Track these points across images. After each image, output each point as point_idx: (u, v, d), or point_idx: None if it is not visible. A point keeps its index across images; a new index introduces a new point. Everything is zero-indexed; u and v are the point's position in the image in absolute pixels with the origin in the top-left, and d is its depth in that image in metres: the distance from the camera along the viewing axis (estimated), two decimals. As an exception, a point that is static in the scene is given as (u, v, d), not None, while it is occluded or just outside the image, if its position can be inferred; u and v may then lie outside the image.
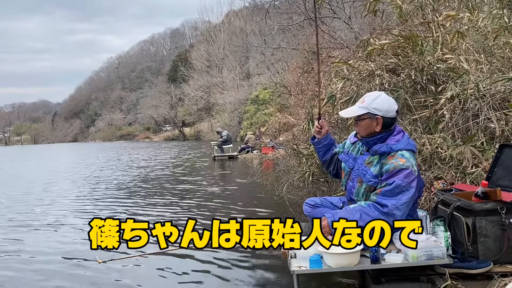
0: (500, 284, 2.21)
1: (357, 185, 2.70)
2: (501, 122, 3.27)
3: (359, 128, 2.68)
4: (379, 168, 2.57)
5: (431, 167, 3.39)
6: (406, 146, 2.57)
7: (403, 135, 2.64)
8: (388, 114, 2.60)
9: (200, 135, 43.74)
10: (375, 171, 2.59)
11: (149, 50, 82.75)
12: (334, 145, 3.04)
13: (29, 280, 3.90)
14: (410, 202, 2.51)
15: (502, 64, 3.68)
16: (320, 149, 3.03)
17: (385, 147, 2.57)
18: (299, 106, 7.22)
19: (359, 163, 2.72)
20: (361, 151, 2.76)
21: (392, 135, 2.61)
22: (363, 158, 2.70)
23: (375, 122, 2.60)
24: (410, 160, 2.51)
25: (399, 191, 2.47)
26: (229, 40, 44.33)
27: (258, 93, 29.41)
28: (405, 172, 2.47)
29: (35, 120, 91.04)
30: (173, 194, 8.46)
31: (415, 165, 2.54)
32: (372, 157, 2.64)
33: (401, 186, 2.46)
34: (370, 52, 4.03)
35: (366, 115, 2.61)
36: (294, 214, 4.71)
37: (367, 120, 2.62)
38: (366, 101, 2.63)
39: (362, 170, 2.66)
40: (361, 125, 2.66)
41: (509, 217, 2.42)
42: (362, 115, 2.62)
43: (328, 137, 3.02)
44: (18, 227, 6.14)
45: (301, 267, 2.38)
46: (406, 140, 2.60)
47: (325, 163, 3.06)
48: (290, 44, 16.59)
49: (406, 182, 2.47)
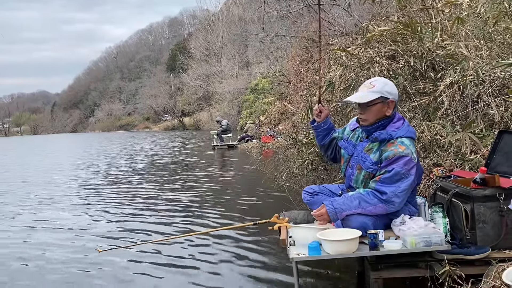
0: (498, 270, 2.22)
1: (356, 172, 2.69)
2: (500, 109, 3.25)
3: (368, 113, 2.59)
4: (379, 155, 2.56)
5: (430, 154, 3.38)
6: (406, 133, 2.55)
7: (403, 122, 2.62)
8: (396, 98, 2.60)
9: (199, 125, 43.67)
10: (374, 158, 2.58)
11: (148, 39, 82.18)
12: (333, 129, 3.00)
13: (27, 266, 3.94)
14: (409, 189, 2.51)
15: (502, 50, 3.65)
16: (319, 133, 2.99)
17: (385, 134, 2.56)
18: (298, 94, 7.21)
19: (358, 150, 2.70)
20: (360, 138, 2.74)
21: (392, 122, 2.59)
22: (363, 145, 2.68)
23: (386, 106, 2.57)
24: (410, 148, 2.50)
25: (398, 178, 2.46)
26: (227, 28, 44.01)
27: (258, 81, 29.27)
28: (404, 159, 2.47)
29: (34, 110, 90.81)
30: (171, 183, 8.49)
31: (414, 152, 2.53)
32: (371, 144, 2.63)
33: (400, 173, 2.46)
34: (369, 39, 4.00)
35: (379, 99, 2.55)
36: (293, 202, 4.73)
37: (379, 104, 2.56)
38: (377, 86, 2.57)
39: (362, 157, 2.65)
40: (371, 110, 2.58)
41: (507, 203, 2.42)
42: (374, 99, 2.56)
43: (328, 121, 2.97)
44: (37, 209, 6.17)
45: (300, 254, 2.38)
46: (406, 127, 2.59)
47: (323, 147, 3.03)
48: (289, 32, 16.48)
49: (405, 169, 2.46)
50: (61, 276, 3.71)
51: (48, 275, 3.75)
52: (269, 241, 4.21)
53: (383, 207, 2.49)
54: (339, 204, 2.53)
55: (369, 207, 2.49)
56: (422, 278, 2.45)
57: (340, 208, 2.51)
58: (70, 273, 3.76)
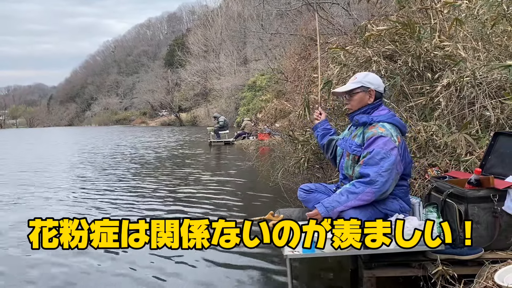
0: (490, 270, 2.23)
1: (346, 159, 2.81)
2: (496, 110, 3.27)
3: (352, 102, 2.79)
4: (362, 138, 2.69)
5: (425, 154, 3.39)
6: (387, 119, 2.68)
7: (388, 111, 2.76)
8: (378, 88, 2.77)
9: (196, 121, 43.56)
10: (358, 141, 2.72)
11: (146, 34, 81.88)
12: (331, 130, 3.17)
13: (25, 261, 3.92)
14: (392, 169, 2.53)
15: (499, 52, 3.66)
16: (318, 132, 3.18)
17: (365, 118, 2.71)
18: (295, 92, 7.20)
19: (347, 138, 2.86)
20: (351, 130, 2.88)
21: (377, 109, 2.75)
22: (351, 134, 2.83)
23: (367, 95, 2.75)
24: (390, 131, 2.61)
25: (380, 158, 2.53)
26: (226, 25, 43.89)
27: (255, 79, 29.23)
28: (383, 140, 2.56)
29: (30, 103, 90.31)
30: (165, 179, 8.47)
31: (395, 136, 2.60)
32: (357, 130, 2.77)
33: (381, 153, 2.53)
34: (367, 38, 4.00)
35: (360, 89, 2.75)
36: (289, 200, 4.74)
37: (361, 93, 2.75)
38: (358, 77, 2.79)
39: (349, 144, 2.79)
40: (354, 99, 2.78)
41: (501, 204, 2.44)
42: (355, 88, 2.76)
43: (326, 122, 3.19)
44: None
45: (294, 251, 2.39)
46: (390, 115, 2.73)
47: (323, 147, 3.17)
48: (288, 30, 16.43)
49: (385, 149, 2.54)
50: (58, 271, 3.70)
51: (39, 268, 3.74)
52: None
53: (370, 191, 2.52)
54: (329, 203, 2.57)
55: (358, 196, 2.53)
56: (415, 278, 2.47)
57: (331, 206, 2.55)
58: (64, 266, 3.75)
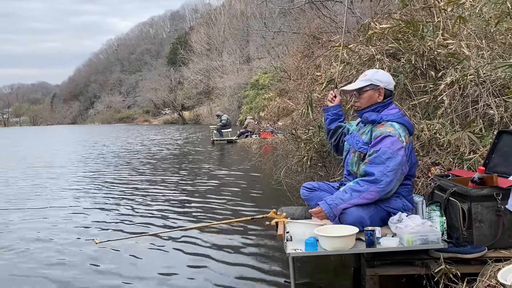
0: (493, 269, 2.22)
1: (351, 156, 2.79)
2: (500, 109, 3.25)
3: (362, 100, 2.77)
4: (370, 136, 2.67)
5: (429, 153, 3.38)
6: (396, 118, 2.67)
7: (398, 111, 2.74)
8: (388, 86, 2.75)
9: (199, 119, 43.56)
10: (366, 138, 2.70)
11: (149, 32, 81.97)
12: (342, 117, 3.15)
13: (23, 257, 3.94)
14: (398, 170, 2.52)
15: (503, 51, 3.64)
16: (328, 116, 3.15)
17: (375, 116, 2.69)
18: (298, 90, 7.20)
19: (355, 135, 2.84)
20: (359, 127, 2.86)
21: (387, 108, 2.72)
22: (360, 131, 2.81)
23: (377, 93, 2.73)
24: (399, 131, 2.59)
25: (386, 158, 2.52)
26: (229, 23, 43.86)
27: (258, 77, 29.21)
28: (391, 139, 2.55)
29: (34, 101, 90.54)
30: (168, 177, 8.49)
31: (403, 137, 2.59)
32: (365, 127, 2.75)
33: (387, 153, 2.52)
34: (370, 37, 3.99)
35: (369, 87, 2.73)
36: (291, 198, 4.74)
37: (370, 91, 2.73)
38: (368, 75, 2.76)
39: (356, 140, 2.78)
40: (363, 97, 2.76)
41: (505, 203, 2.43)
42: (364, 86, 2.74)
43: (338, 107, 3.15)
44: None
45: (296, 249, 2.39)
46: (399, 115, 2.71)
47: (329, 132, 3.15)
48: (291, 28, 16.40)
49: (392, 149, 2.53)
50: (59, 267, 3.72)
51: (45, 267, 3.76)
52: (266, 236, 4.22)
53: (374, 190, 2.51)
54: (332, 200, 2.57)
55: (361, 194, 2.52)
56: (418, 276, 2.46)
57: (334, 203, 2.54)
58: (65, 264, 3.77)
